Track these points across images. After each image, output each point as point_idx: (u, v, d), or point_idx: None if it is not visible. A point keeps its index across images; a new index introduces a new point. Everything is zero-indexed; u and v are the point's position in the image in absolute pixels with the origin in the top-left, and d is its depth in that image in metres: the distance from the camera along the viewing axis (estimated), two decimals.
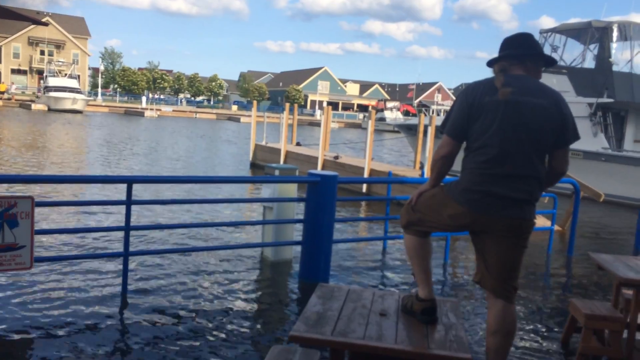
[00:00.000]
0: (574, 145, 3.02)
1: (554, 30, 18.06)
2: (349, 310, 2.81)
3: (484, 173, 2.80)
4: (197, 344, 3.92)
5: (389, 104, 70.89)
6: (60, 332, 3.94)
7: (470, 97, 2.83)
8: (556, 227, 8.39)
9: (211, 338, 4.04)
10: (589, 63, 17.11)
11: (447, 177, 3.07)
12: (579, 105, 15.32)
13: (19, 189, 8.91)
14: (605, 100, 15.64)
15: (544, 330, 4.66)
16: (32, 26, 63.94)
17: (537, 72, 2.94)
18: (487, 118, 2.78)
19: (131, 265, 5.27)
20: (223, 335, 4.10)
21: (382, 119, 57.09)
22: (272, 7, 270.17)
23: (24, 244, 4.10)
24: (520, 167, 2.78)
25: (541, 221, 8.91)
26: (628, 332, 3.94)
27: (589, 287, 6.15)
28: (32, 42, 68.55)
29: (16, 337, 3.84)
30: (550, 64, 3.03)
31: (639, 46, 16.96)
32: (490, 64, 2.97)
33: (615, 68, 16.30)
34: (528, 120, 2.76)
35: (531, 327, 4.70)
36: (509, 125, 2.75)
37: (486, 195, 2.78)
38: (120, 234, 5.36)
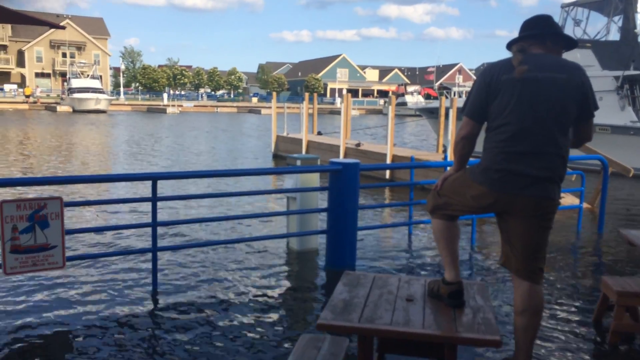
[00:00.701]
0: (602, 121, 2.99)
1: (575, 4, 17.61)
2: (375, 296, 2.82)
3: (503, 152, 2.78)
4: (228, 335, 3.97)
5: (410, 88, 70.23)
6: (95, 329, 4.04)
7: (487, 77, 2.82)
8: (585, 205, 8.25)
9: (241, 329, 4.09)
10: (614, 35, 16.65)
11: (471, 159, 3.05)
12: (604, 79, 14.96)
13: (48, 190, 9.12)
14: (632, 72, 15.23)
15: (575, 309, 4.60)
16: (53, 30, 64.93)
17: (558, 53, 2.90)
18: (505, 96, 2.76)
19: (160, 261, 5.35)
20: (253, 327, 4.15)
21: (404, 104, 56.65)
22: None
23: (55, 244, 4.20)
24: (541, 145, 2.74)
25: (570, 199, 8.76)
26: None
27: (620, 264, 6.05)
28: (54, 45, 69.68)
29: (52, 334, 3.95)
30: (570, 45, 2.96)
31: None
32: (509, 45, 2.93)
33: None
34: (548, 96, 2.72)
35: (563, 306, 4.64)
36: (527, 103, 2.73)
37: (506, 173, 2.76)
38: (148, 230, 5.44)
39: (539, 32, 2.85)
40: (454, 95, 40.29)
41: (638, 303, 3.87)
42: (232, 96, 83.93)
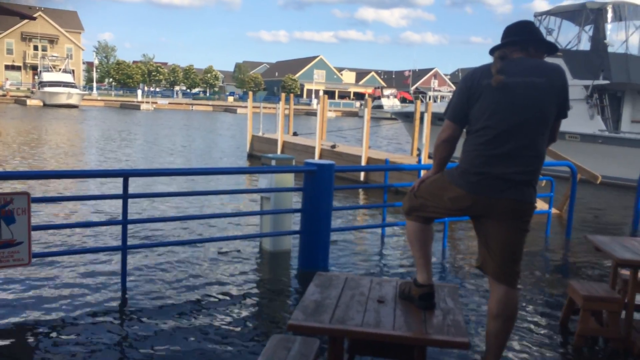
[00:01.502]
0: (572, 129, 3.05)
1: (548, 13, 17.98)
2: (347, 297, 2.82)
3: (482, 154, 2.81)
4: (197, 334, 3.93)
5: (386, 92, 70.73)
6: (61, 327, 3.95)
7: (469, 81, 2.87)
8: (554, 210, 8.41)
9: (211, 329, 4.05)
10: (585, 45, 17.06)
11: (450, 162, 3.08)
12: (575, 88, 15.29)
13: (15, 185, 8.90)
14: (601, 82, 15.61)
15: (542, 312, 4.68)
16: (25, 21, 63.47)
17: (540, 58, 2.94)
18: (486, 100, 2.80)
19: (130, 259, 5.27)
20: (223, 326, 4.11)
21: (380, 107, 56.98)
22: None
23: (21, 240, 4.09)
24: (520, 148, 2.78)
25: (539, 204, 8.92)
26: (626, 312, 3.96)
27: (586, 269, 6.18)
28: (25, 38, 68.12)
29: (16, 333, 3.85)
30: (551, 51, 3.02)
31: (634, 26, 16.90)
32: (492, 51, 2.95)
33: (610, 49, 16.24)
34: (528, 100, 2.76)
35: (530, 309, 4.72)
36: (507, 107, 2.77)
37: (485, 176, 2.79)
38: (118, 228, 5.36)
39: (522, 38, 2.89)
40: (429, 99, 40.69)
41: (603, 307, 3.96)
42: (208, 94, 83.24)
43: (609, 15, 16.19)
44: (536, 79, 2.77)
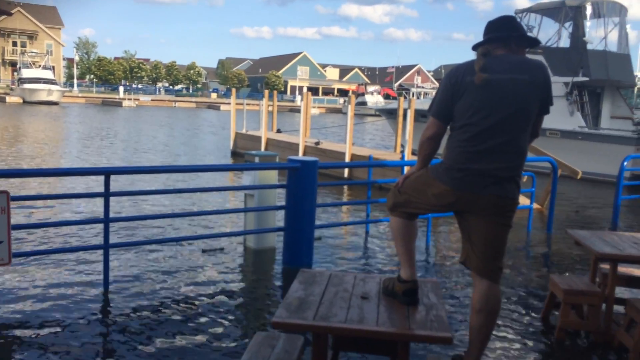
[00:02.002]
0: (552, 125, 3.08)
1: (529, 10, 18.12)
2: (330, 294, 2.82)
3: (466, 151, 2.82)
4: (180, 333, 3.91)
5: (370, 88, 70.84)
6: (42, 328, 3.90)
7: (453, 78, 2.87)
8: (535, 206, 8.50)
9: (195, 327, 4.03)
10: (565, 42, 17.23)
11: (434, 159, 3.09)
12: (555, 85, 15.39)
13: None
14: (580, 78, 15.80)
15: (524, 306, 4.73)
16: (3, 17, 62.40)
17: (522, 53, 2.95)
18: (469, 97, 2.81)
19: (112, 257, 5.22)
20: (207, 324, 4.09)
21: (363, 103, 57.11)
22: None
23: (1, 240, 4.03)
24: (502, 144, 2.80)
25: (520, 200, 9.00)
26: (606, 306, 4.03)
27: (567, 264, 6.27)
28: (4, 34, 66.91)
29: None
30: (533, 44, 3.05)
31: (613, 23, 17.11)
32: (475, 47, 2.97)
33: (590, 46, 16.43)
34: (510, 97, 2.78)
35: (512, 304, 4.77)
36: (490, 104, 2.78)
37: (468, 172, 2.81)
38: (100, 226, 5.30)
39: (504, 34, 2.90)
40: (413, 96, 40.87)
41: (584, 301, 4.02)
42: (190, 91, 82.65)
43: (588, 12, 16.38)
44: (519, 76, 2.79)
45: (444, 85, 2.93)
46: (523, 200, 8.93)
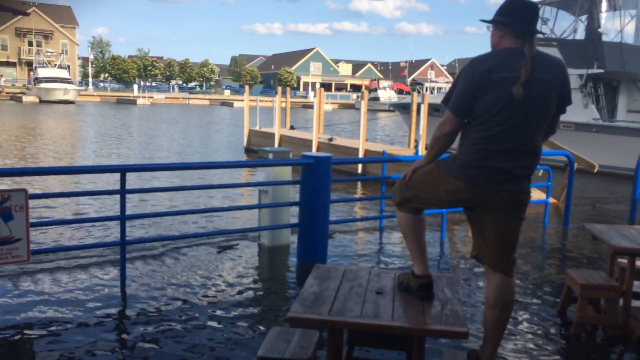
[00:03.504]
0: (566, 118, 3.05)
1: (543, 3, 17.93)
2: (345, 289, 2.83)
3: (485, 149, 2.77)
4: (198, 329, 3.95)
5: (382, 83, 70.58)
6: (61, 324, 3.96)
7: (477, 73, 2.73)
8: (551, 200, 8.43)
9: (211, 323, 4.06)
10: (580, 35, 17.04)
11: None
12: (569, 77, 15.27)
13: (12, 182, 8.88)
14: (595, 70, 15.60)
15: (540, 301, 4.70)
16: (19, 17, 63.12)
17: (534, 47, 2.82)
18: (494, 95, 2.71)
19: (129, 254, 5.27)
20: (223, 320, 4.12)
21: (376, 99, 56.87)
22: None
23: (20, 237, 4.09)
24: (523, 143, 2.77)
25: (536, 194, 8.94)
26: (624, 300, 3.99)
27: (584, 258, 6.21)
28: (20, 34, 67.74)
29: (16, 329, 3.85)
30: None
31: (630, 16, 16.87)
32: (490, 22, 2.86)
33: (605, 38, 16.21)
34: (535, 97, 2.73)
35: (528, 299, 4.74)
36: (517, 104, 2.71)
37: (486, 169, 2.77)
38: (117, 223, 5.37)
39: (530, 30, 2.77)
40: (426, 90, 40.61)
41: (601, 295, 3.98)
42: (204, 88, 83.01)
43: (604, 4, 16.16)
44: (544, 75, 2.75)
45: (465, 80, 2.78)
46: (539, 195, 8.87)
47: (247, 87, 19.17)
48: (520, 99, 2.70)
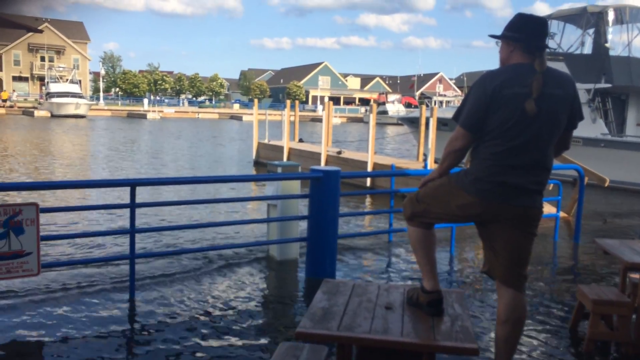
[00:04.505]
0: (574, 133, 3.02)
1: (550, 17, 17.92)
2: (354, 304, 2.82)
3: (498, 164, 2.75)
4: (206, 343, 3.93)
5: (391, 97, 70.74)
6: (67, 339, 3.96)
7: (489, 89, 2.72)
8: (562, 214, 8.37)
9: (220, 337, 4.05)
10: (588, 49, 17.00)
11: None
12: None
13: (23, 196, 8.95)
14: (603, 85, 15.53)
15: (552, 317, 4.65)
16: (31, 33, 64.00)
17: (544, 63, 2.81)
18: (506, 111, 2.70)
19: (138, 268, 5.29)
20: (232, 334, 4.11)
21: (384, 112, 57.02)
22: (265, 4, 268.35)
23: (30, 251, 4.12)
24: (535, 159, 2.77)
25: (546, 208, 8.87)
26: (636, 316, 3.94)
27: (596, 273, 6.14)
28: (32, 49, 68.68)
29: (24, 343, 3.86)
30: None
31: (637, 29, 16.83)
32: (503, 38, 2.85)
33: (613, 52, 16.16)
34: (546, 112, 2.72)
35: (539, 314, 4.69)
36: (528, 119, 2.70)
37: (498, 184, 2.75)
38: (126, 237, 5.38)
39: (541, 46, 2.78)
40: (435, 104, 40.64)
41: (613, 311, 3.93)
42: (213, 102, 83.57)
43: (610, 18, 16.12)
44: (555, 91, 2.74)
45: (476, 96, 2.77)
46: (549, 209, 8.80)
47: (256, 100, 19.29)
48: (533, 114, 2.70)
